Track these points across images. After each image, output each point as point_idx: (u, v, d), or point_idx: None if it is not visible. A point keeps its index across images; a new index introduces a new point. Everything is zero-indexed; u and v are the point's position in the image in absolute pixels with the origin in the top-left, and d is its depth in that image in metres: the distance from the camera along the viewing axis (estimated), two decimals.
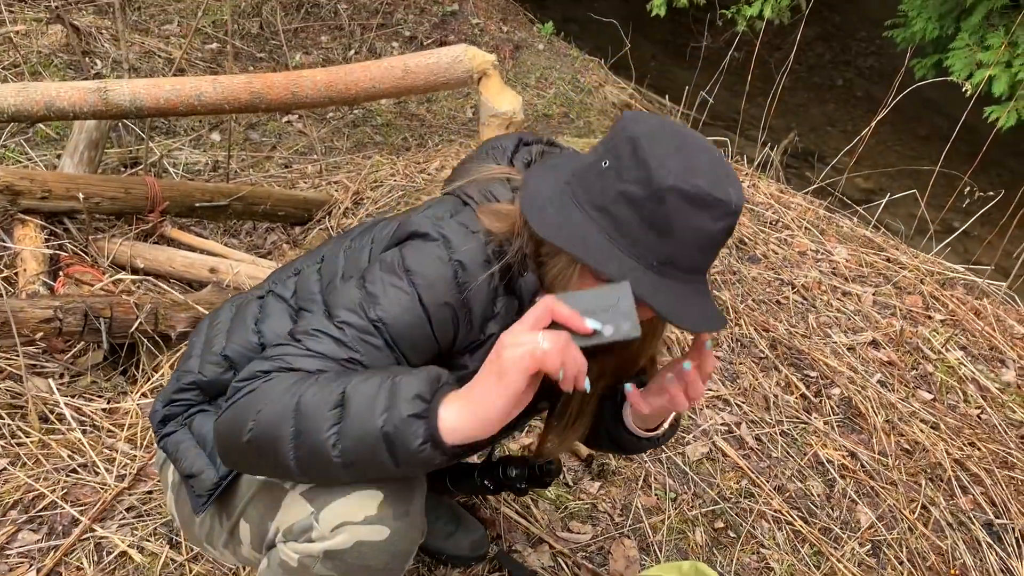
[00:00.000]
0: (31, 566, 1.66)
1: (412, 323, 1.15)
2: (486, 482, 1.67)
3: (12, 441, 1.91)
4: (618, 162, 1.11)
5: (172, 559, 1.72)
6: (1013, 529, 2.45)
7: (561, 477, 2.21)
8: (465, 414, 1.04)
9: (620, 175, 1.10)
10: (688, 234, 1.09)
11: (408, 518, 1.14)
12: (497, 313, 1.21)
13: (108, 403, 2.10)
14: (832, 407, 2.70)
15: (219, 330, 1.35)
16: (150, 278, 2.57)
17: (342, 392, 1.04)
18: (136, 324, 2.16)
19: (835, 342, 3.03)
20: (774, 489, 2.32)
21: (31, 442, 1.91)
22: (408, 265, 1.16)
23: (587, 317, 1.05)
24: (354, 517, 1.10)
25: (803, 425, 2.60)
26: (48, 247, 2.58)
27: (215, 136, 4.65)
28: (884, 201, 3.96)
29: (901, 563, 2.24)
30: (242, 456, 1.14)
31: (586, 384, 1.06)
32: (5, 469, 1.84)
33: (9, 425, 1.93)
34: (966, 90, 4.28)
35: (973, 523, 2.43)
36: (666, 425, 1.45)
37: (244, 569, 1.73)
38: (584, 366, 1.05)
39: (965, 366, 3.06)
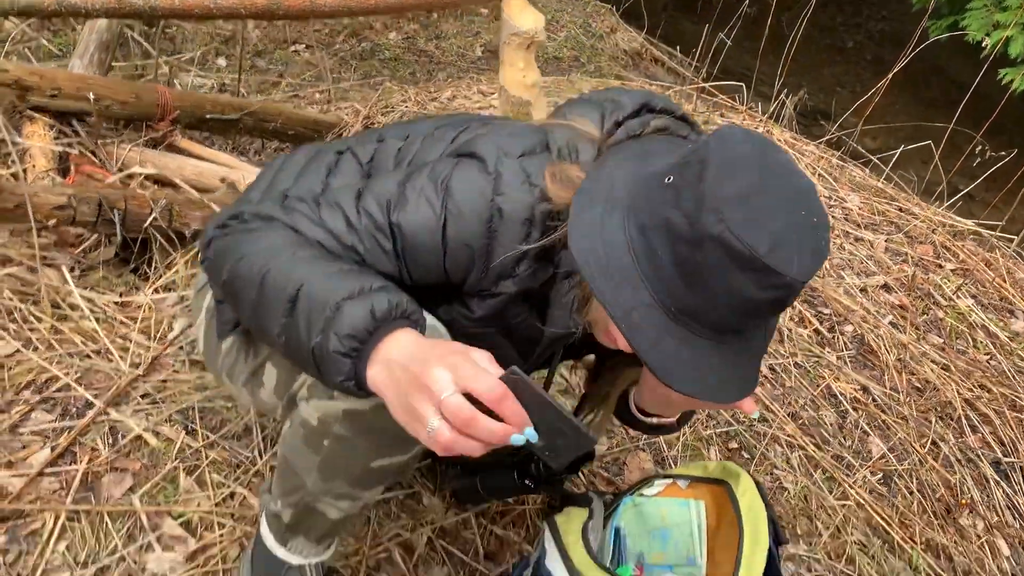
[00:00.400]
0: (45, 444, 1.63)
1: (427, 246, 1.08)
2: (527, 481, 1.54)
3: (24, 326, 1.87)
4: (681, 182, 0.94)
5: (188, 444, 1.70)
6: (1020, 468, 2.46)
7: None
8: (381, 384, 0.92)
9: (676, 199, 0.93)
10: (722, 294, 0.92)
11: None
12: (517, 275, 1.11)
13: (120, 296, 2.06)
14: (845, 343, 2.69)
15: (290, 171, 1.30)
16: (165, 174, 2.51)
17: (298, 288, 0.97)
18: (150, 219, 2.11)
19: (848, 284, 3.01)
20: (788, 415, 2.32)
21: (43, 328, 1.87)
22: (450, 185, 1.08)
23: (531, 426, 0.87)
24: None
25: (816, 358, 2.59)
26: (57, 145, 2.52)
27: (221, 61, 4.57)
28: (897, 153, 3.92)
29: (911, 493, 2.24)
30: (219, 288, 1.12)
31: (519, 437, 0.87)
32: (18, 351, 1.80)
33: (20, 310, 1.89)
34: (985, 45, 4.25)
35: (981, 460, 2.44)
36: (671, 420, 1.38)
37: (261, 459, 1.71)
38: (491, 437, 0.85)
39: (975, 313, 3.05)
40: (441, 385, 0.85)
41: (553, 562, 1.34)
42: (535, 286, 1.13)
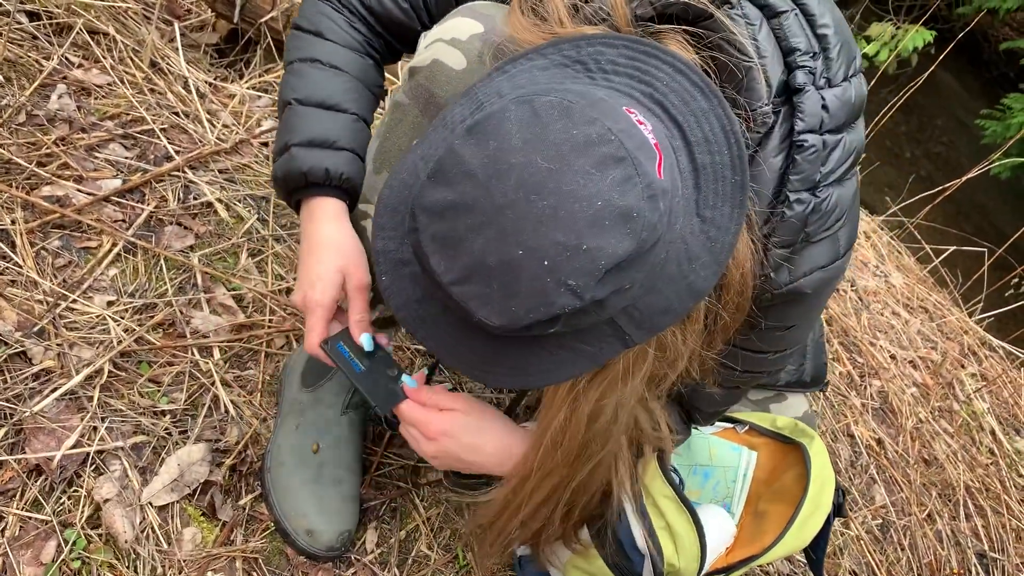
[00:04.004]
0: (117, 175, 1.54)
1: None
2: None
3: (121, 66, 1.78)
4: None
5: (256, 229, 1.62)
6: (1003, 567, 2.43)
7: None
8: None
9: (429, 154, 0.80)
10: (447, 302, 0.74)
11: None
12: None
13: (216, 79, 1.97)
14: (872, 394, 2.66)
15: None
16: None
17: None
18: (268, 16, 2.03)
19: (881, 346, 2.99)
20: None
21: (139, 75, 1.78)
22: None
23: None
24: (445, 35, 0.98)
25: (843, 397, 2.56)
26: None
27: None
28: (951, 249, 3.93)
29: (903, 548, 2.21)
30: None
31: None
32: (111, 83, 1.71)
33: (123, 48, 1.80)
34: None
35: (969, 547, 2.41)
36: None
37: None
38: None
39: (988, 418, 3.04)
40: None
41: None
42: None
